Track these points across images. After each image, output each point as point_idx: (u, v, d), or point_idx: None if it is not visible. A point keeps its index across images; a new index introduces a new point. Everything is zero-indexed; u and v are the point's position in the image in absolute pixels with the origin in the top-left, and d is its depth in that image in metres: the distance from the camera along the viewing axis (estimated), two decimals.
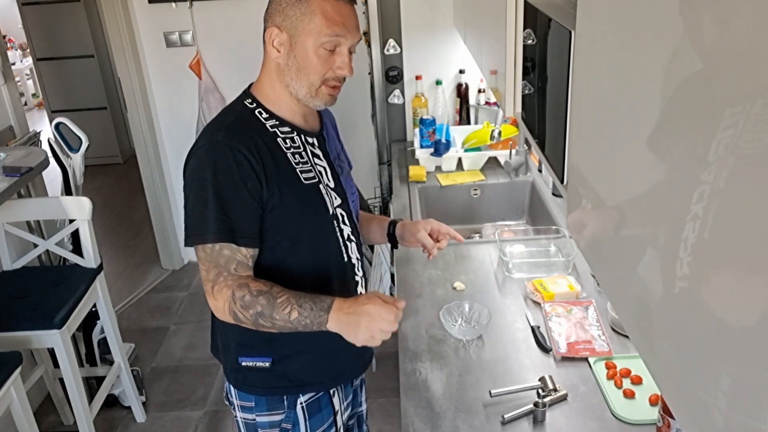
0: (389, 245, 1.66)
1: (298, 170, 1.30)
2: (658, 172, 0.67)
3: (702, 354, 0.60)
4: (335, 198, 1.36)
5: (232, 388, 1.43)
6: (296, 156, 1.31)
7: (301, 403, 1.40)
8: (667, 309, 0.67)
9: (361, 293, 1.46)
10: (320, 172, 1.35)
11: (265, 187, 1.24)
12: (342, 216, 1.38)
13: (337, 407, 1.45)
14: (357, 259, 1.45)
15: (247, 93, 1.35)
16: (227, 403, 1.48)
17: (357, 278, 1.45)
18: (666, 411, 1.25)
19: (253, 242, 1.26)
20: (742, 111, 0.50)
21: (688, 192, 0.60)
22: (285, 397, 1.40)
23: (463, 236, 2.49)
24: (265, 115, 1.31)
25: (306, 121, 1.36)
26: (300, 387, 1.40)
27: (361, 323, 1.17)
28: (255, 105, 1.32)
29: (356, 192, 1.50)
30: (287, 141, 1.31)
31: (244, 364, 1.37)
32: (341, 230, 1.38)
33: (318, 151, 1.37)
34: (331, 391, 1.44)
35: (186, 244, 1.26)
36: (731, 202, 0.52)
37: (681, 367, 0.65)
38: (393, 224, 1.60)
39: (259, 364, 1.36)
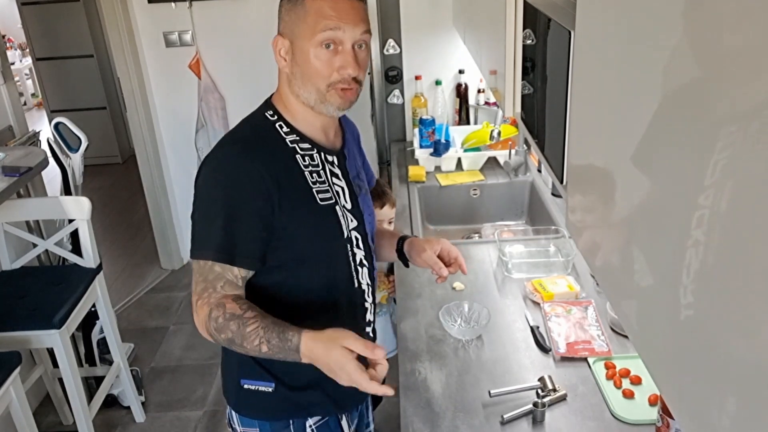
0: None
1: (314, 190, 1.24)
2: (659, 172, 0.67)
3: (701, 354, 0.60)
4: (351, 220, 1.30)
5: (234, 414, 1.36)
6: (314, 175, 1.24)
7: (311, 426, 1.34)
8: (667, 309, 0.67)
9: (369, 320, 1.40)
10: (337, 193, 1.28)
11: (278, 206, 1.18)
12: (356, 239, 1.31)
13: (346, 430, 1.40)
14: (368, 284, 1.37)
15: (268, 103, 1.29)
16: (230, 429, 1.40)
17: (366, 305, 1.38)
18: (665, 411, 1.25)
19: (251, 264, 1.20)
20: (743, 109, 0.50)
21: (688, 191, 0.60)
22: (291, 422, 1.33)
23: (462, 236, 2.51)
24: (285, 129, 1.25)
25: (326, 136, 1.30)
26: (307, 410, 1.34)
27: (334, 371, 1.06)
28: (276, 117, 1.26)
29: (374, 212, 1.44)
30: (306, 158, 1.24)
31: (246, 386, 1.31)
32: (354, 254, 1.31)
33: (337, 170, 1.30)
34: (339, 415, 1.38)
35: (191, 256, 1.22)
36: (732, 199, 0.52)
37: (680, 367, 0.65)
38: (402, 240, 1.51)
39: (262, 388, 1.30)
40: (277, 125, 1.25)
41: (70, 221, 2.41)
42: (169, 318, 3.47)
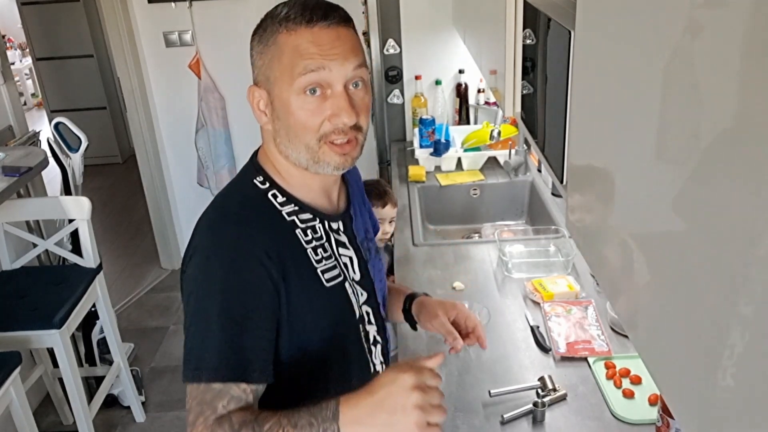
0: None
1: (319, 270, 1.03)
2: (659, 172, 0.67)
3: (702, 354, 0.60)
4: (361, 294, 1.10)
5: None
6: (318, 251, 1.03)
7: None
8: (667, 308, 0.67)
9: (378, 372, 1.14)
10: (345, 265, 1.08)
11: (284, 296, 0.97)
12: (368, 314, 1.11)
13: None
14: (381, 363, 1.16)
15: (256, 166, 1.05)
16: None
17: None
18: (665, 411, 1.25)
19: (265, 376, 0.96)
20: (744, 110, 0.50)
21: (688, 191, 0.60)
22: None
23: (462, 236, 2.51)
24: (280, 198, 1.03)
25: (329, 199, 1.09)
26: None
27: (404, 404, 0.84)
28: (268, 185, 1.03)
29: (384, 270, 1.27)
30: (308, 232, 1.03)
31: None
32: (366, 333, 1.11)
33: (343, 238, 1.09)
34: None
35: (184, 379, 0.94)
36: (734, 204, 0.52)
37: (680, 367, 0.65)
38: (411, 299, 1.32)
39: None
40: (270, 195, 1.03)
41: (70, 221, 2.41)
42: (169, 318, 3.47)
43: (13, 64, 6.78)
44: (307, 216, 1.04)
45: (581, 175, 0.97)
